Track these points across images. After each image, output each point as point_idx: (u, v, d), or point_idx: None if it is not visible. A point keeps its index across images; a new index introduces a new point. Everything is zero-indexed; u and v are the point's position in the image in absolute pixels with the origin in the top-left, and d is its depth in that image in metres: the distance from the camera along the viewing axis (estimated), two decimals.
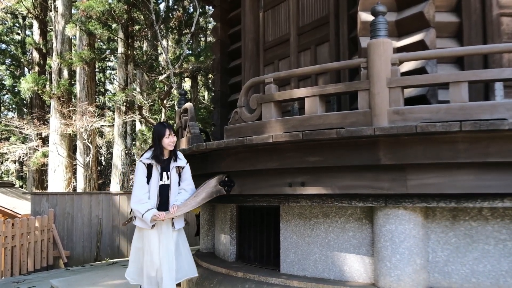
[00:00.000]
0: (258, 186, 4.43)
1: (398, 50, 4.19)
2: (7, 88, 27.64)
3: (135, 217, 4.30)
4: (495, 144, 3.31)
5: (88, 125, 14.09)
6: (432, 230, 3.81)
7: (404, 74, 3.89)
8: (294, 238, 4.49)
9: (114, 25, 16.19)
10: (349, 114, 3.82)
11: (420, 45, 4.10)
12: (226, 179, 4.67)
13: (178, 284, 4.30)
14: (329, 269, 4.23)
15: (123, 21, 15.02)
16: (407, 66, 4.16)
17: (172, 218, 4.26)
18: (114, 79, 26.98)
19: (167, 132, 4.27)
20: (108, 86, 30.87)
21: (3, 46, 25.79)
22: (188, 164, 4.49)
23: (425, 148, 3.46)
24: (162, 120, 12.65)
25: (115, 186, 15.55)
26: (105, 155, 23.00)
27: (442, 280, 3.76)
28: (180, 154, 4.48)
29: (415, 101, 3.97)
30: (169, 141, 4.28)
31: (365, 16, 4.37)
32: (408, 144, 3.50)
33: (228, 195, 4.70)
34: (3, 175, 27.55)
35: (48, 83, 15.92)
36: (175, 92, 17.91)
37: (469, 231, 3.70)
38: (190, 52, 18.77)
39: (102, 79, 29.73)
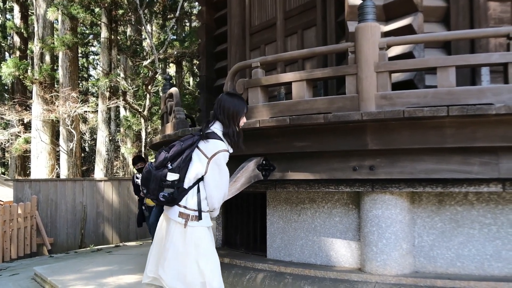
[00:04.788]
0: None
1: (385, 34, 4.17)
2: None
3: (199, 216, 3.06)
4: (482, 129, 3.31)
5: (71, 111, 13.89)
6: (418, 215, 3.83)
7: (391, 58, 3.88)
8: (281, 223, 4.48)
9: (97, 9, 15.92)
10: (337, 99, 3.79)
11: (408, 30, 4.08)
12: (264, 162, 4.12)
13: None
14: (316, 254, 4.23)
15: (106, 5, 14.76)
16: (394, 51, 4.14)
17: None
18: (97, 64, 26.60)
19: (245, 108, 3.28)
20: (92, 72, 30.51)
21: None
22: None
23: (412, 133, 3.45)
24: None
25: (99, 172, 15.40)
26: (89, 142, 22.78)
27: (427, 265, 3.78)
28: None
29: (402, 86, 3.96)
30: (243, 121, 3.28)
31: (353, 0, 4.33)
32: (396, 129, 3.49)
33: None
34: None
35: (29, 68, 15.64)
36: (159, 77, 17.74)
37: (455, 216, 3.73)
38: (174, 37, 18.58)
39: (85, 64, 29.33)
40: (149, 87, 15.28)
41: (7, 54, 25.81)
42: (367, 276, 3.75)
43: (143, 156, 11.26)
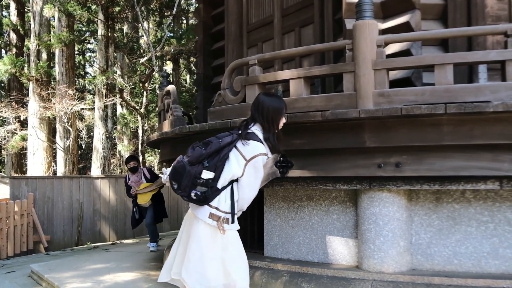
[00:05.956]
0: None
1: (383, 32, 4.16)
2: None
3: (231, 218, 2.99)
4: (479, 126, 3.32)
5: (68, 108, 13.84)
6: (415, 213, 3.83)
7: (389, 56, 3.88)
8: (278, 221, 4.47)
9: (93, 6, 15.85)
10: (334, 97, 3.79)
11: (405, 27, 4.08)
12: (281, 159, 4.00)
13: None
14: (313, 252, 4.23)
15: (103, 2, 14.71)
16: (392, 49, 4.13)
17: None
18: (94, 61, 26.54)
19: (285, 108, 3.16)
20: (88, 69, 30.41)
21: None
22: None
23: (410, 131, 3.45)
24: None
25: (96, 170, 15.37)
26: (86, 139, 22.73)
27: (425, 262, 3.79)
28: None
29: (400, 83, 3.96)
30: (283, 121, 3.17)
31: None
32: (394, 127, 3.49)
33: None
34: None
35: (26, 65, 15.56)
36: (156, 75, 17.71)
37: (452, 213, 3.73)
38: (171, 34, 18.53)
39: (82, 62, 29.22)
40: (146, 84, 15.26)
41: (3, 51, 25.69)
42: (364, 274, 3.75)
43: (136, 155, 11.26)
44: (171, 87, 5.53)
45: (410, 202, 3.83)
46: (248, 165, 2.91)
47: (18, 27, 19.24)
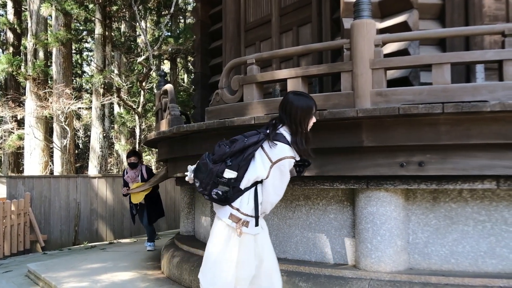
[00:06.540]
0: None
1: (380, 31, 4.17)
2: None
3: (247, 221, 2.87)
4: (476, 126, 3.32)
5: (65, 108, 13.81)
6: (412, 212, 3.83)
7: (386, 55, 3.88)
8: (275, 220, 4.47)
9: (91, 5, 15.82)
10: (332, 96, 3.79)
11: (403, 27, 4.08)
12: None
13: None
14: (310, 251, 4.23)
15: (100, 1, 14.67)
16: (389, 48, 4.14)
17: None
18: (91, 60, 26.43)
19: (314, 108, 2.99)
20: (86, 68, 30.34)
21: None
22: None
23: (407, 130, 3.46)
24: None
25: (93, 169, 15.34)
26: (83, 138, 22.68)
27: (422, 261, 3.79)
28: None
29: (397, 83, 3.96)
30: (313, 121, 3.01)
31: None
32: (391, 126, 3.49)
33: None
34: None
35: (23, 64, 15.52)
36: (154, 74, 17.68)
37: (449, 213, 3.74)
38: (169, 34, 18.49)
39: (79, 61, 29.18)
40: (144, 83, 15.24)
41: (0, 50, 25.63)
42: (361, 273, 3.75)
43: (138, 151, 11.23)
44: (168, 86, 5.52)
45: (407, 202, 3.83)
46: (273, 168, 2.81)
47: (15, 26, 19.19)
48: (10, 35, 19.66)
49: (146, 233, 7.55)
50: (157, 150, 7.06)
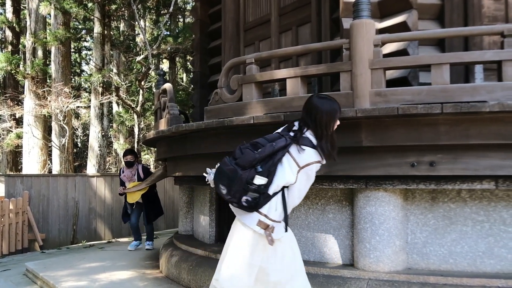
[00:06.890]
0: None
1: (380, 31, 4.17)
2: None
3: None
4: (475, 126, 3.33)
5: (63, 106, 13.80)
6: (411, 212, 3.84)
7: (385, 56, 3.88)
8: None
9: (90, 4, 15.81)
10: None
11: (402, 27, 4.08)
12: None
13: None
14: (309, 251, 4.23)
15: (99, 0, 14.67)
16: (389, 48, 4.14)
17: None
18: (90, 59, 26.42)
19: (339, 112, 2.96)
20: (84, 67, 30.30)
21: None
22: None
23: (407, 130, 3.46)
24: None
25: (91, 168, 15.33)
26: (81, 137, 22.64)
27: (420, 261, 3.80)
28: None
29: (396, 83, 3.97)
30: (337, 124, 2.97)
31: None
32: (390, 126, 3.49)
33: None
34: None
35: (21, 62, 15.49)
36: (152, 73, 17.67)
37: (448, 213, 3.74)
38: (168, 33, 18.49)
39: (78, 60, 29.11)
40: (142, 82, 15.22)
41: None
42: (360, 273, 3.76)
43: (135, 150, 11.20)
44: (167, 86, 5.52)
45: (406, 202, 3.84)
46: (300, 172, 2.76)
47: (14, 25, 19.17)
48: (8, 34, 19.62)
49: (146, 232, 7.53)
50: (155, 149, 7.05)
